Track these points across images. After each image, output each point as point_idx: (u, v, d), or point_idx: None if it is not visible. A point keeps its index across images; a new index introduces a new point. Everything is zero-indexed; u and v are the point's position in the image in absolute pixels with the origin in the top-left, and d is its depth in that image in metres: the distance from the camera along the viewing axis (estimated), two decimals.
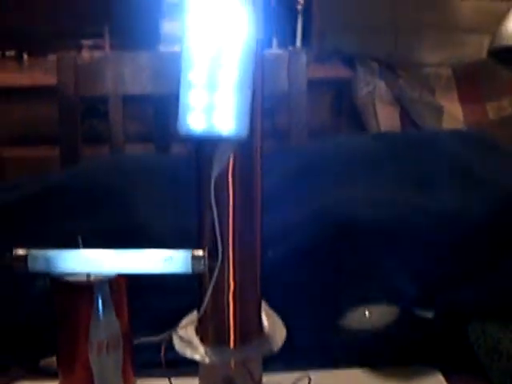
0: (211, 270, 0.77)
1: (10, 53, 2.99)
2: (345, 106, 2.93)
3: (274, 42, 3.07)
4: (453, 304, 1.02)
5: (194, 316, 0.85)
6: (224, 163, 0.75)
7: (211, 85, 0.69)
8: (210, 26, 0.69)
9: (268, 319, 0.87)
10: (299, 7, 3.05)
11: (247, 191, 0.79)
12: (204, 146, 0.76)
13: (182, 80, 0.70)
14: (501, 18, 3.28)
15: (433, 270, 1.04)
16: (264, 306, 0.88)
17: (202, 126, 0.70)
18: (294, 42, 3.11)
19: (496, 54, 2.81)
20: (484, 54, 3.32)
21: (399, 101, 3.03)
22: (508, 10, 3.26)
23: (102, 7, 2.89)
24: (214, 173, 0.75)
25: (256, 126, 0.75)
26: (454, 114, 3.07)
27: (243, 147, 0.75)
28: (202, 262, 0.76)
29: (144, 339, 0.87)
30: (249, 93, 0.69)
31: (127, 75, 1.73)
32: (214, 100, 0.69)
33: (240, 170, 0.77)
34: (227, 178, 0.77)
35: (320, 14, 3.11)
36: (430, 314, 1.03)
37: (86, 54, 2.91)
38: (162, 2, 2.94)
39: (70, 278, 0.82)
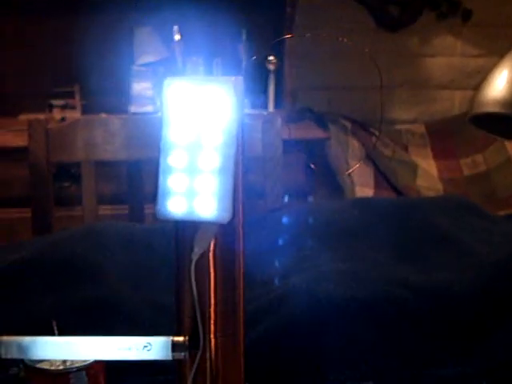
0: (192, 357, 0.74)
1: None
2: (319, 165, 2.91)
3: (246, 102, 3.06)
4: (440, 380, 1.00)
5: None
6: (205, 245, 0.72)
7: (192, 169, 0.67)
8: (190, 108, 0.67)
9: None
10: (271, 67, 3.04)
11: (229, 271, 0.76)
12: (184, 228, 0.73)
13: (161, 163, 0.67)
14: (471, 75, 3.33)
15: (418, 346, 1.01)
16: None
17: (183, 209, 0.68)
18: (266, 103, 3.10)
19: (476, 121, 2.83)
20: (456, 110, 3.35)
21: (373, 159, 3.02)
22: (478, 67, 3.31)
23: (72, 68, 2.87)
24: (195, 255, 0.72)
25: (238, 207, 0.73)
26: (428, 170, 3.06)
27: (225, 228, 0.72)
28: (183, 349, 0.73)
29: None
30: (231, 176, 0.67)
31: (99, 141, 1.70)
32: (194, 184, 0.67)
33: (222, 250, 0.74)
34: (208, 259, 0.74)
35: (292, 73, 3.11)
36: None
37: (57, 115, 2.89)
38: (131, 63, 2.94)
39: (46, 365, 0.78)
